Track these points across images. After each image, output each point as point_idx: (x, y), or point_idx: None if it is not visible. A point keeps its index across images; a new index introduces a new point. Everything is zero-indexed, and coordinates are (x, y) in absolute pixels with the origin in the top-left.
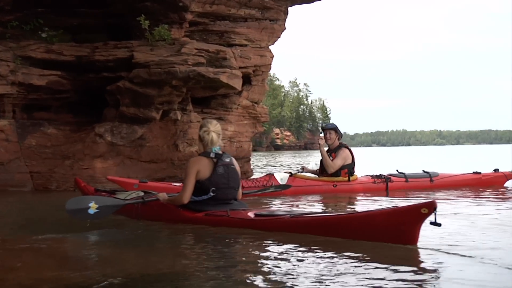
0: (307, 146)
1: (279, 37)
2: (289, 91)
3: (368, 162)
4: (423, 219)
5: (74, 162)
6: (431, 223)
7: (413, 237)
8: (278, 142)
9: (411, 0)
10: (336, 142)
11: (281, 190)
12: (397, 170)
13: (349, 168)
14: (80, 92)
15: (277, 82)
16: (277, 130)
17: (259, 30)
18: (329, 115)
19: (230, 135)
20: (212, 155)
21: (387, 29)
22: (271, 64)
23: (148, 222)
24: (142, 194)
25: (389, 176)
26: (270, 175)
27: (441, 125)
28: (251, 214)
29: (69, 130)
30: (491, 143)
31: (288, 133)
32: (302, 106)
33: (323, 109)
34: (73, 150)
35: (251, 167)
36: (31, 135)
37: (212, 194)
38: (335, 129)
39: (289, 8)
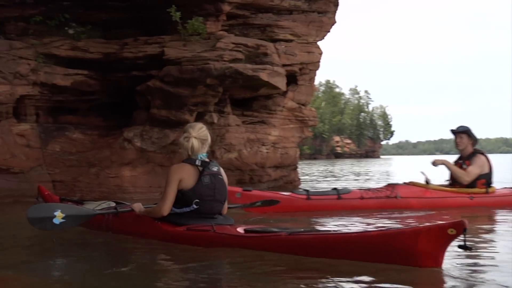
0: (368, 154)
1: (329, 31)
2: (349, 98)
3: (436, 171)
4: (449, 241)
5: (100, 170)
6: (460, 246)
7: (436, 260)
8: (339, 150)
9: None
10: (470, 148)
11: (268, 206)
12: None
13: (487, 178)
14: (109, 94)
15: (337, 89)
16: (337, 138)
17: (306, 24)
18: (390, 123)
19: (274, 140)
20: (197, 162)
21: (451, 29)
22: (319, 61)
23: (119, 236)
24: (113, 205)
25: None
26: (393, 186)
27: (507, 133)
28: (240, 230)
29: (97, 135)
30: None
31: (349, 141)
32: (362, 114)
33: (384, 116)
34: (100, 157)
35: (298, 176)
36: (55, 140)
37: (195, 206)
38: (467, 132)
39: None
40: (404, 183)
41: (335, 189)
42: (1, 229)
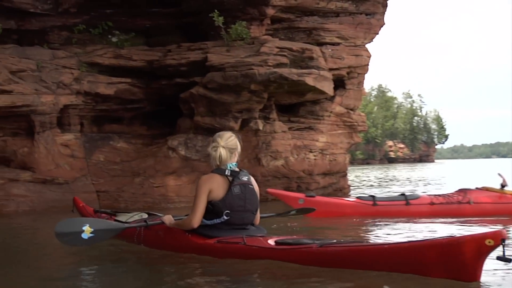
0: (422, 159)
1: (377, 33)
2: (402, 102)
3: (490, 174)
4: (487, 253)
5: (144, 180)
6: (498, 257)
7: (474, 273)
8: (392, 154)
9: None
10: None
11: (304, 214)
12: None
13: None
14: (153, 102)
15: (389, 94)
16: (390, 143)
17: (354, 26)
18: (444, 126)
19: (322, 147)
20: (227, 172)
21: (505, 30)
22: (368, 64)
23: (150, 249)
24: (145, 216)
25: None
26: (465, 191)
27: None
28: (271, 242)
29: (141, 144)
30: None
31: (402, 146)
32: (416, 118)
33: (438, 120)
34: (144, 166)
35: (348, 182)
36: (99, 150)
37: (225, 217)
38: None
39: (388, 0)
40: (477, 188)
41: (402, 194)
42: (36, 241)
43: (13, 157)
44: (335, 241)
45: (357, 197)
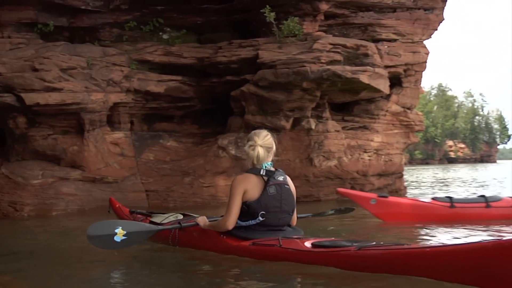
0: (483, 159)
1: (436, 29)
2: (463, 101)
3: None
4: None
5: (194, 180)
6: None
7: None
8: (452, 154)
9: None
10: None
11: (341, 214)
12: None
13: None
14: (204, 100)
15: (449, 93)
16: (450, 142)
17: (411, 22)
18: (507, 126)
19: (377, 147)
20: (262, 172)
21: None
22: (426, 62)
23: (185, 250)
24: (181, 217)
25: None
26: None
27: None
28: (308, 244)
29: (191, 143)
30: None
31: (462, 145)
32: (477, 117)
33: (500, 119)
34: (194, 166)
35: (404, 184)
36: (149, 149)
37: (261, 218)
38: None
39: None
40: None
41: (482, 196)
42: (78, 240)
43: (63, 155)
44: (374, 243)
45: (432, 198)
